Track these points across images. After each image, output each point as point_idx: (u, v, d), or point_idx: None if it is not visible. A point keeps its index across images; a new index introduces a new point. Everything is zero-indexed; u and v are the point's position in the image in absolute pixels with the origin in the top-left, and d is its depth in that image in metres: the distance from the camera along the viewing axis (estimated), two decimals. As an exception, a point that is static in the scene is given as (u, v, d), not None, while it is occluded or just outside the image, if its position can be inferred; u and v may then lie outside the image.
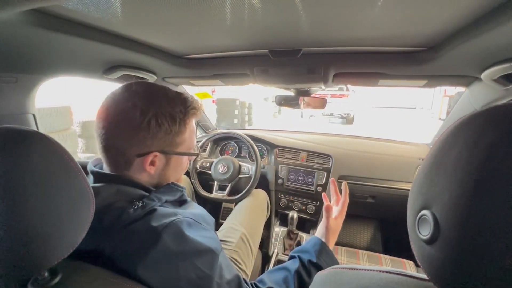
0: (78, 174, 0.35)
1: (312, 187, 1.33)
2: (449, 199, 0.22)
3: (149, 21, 0.54)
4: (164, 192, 0.51)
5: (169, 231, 0.43)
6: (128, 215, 0.43)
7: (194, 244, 0.44)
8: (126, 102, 0.46)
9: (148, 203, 0.45)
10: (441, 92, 9.58)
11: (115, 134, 0.46)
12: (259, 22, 0.53)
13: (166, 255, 0.41)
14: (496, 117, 0.22)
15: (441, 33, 0.55)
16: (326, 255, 0.60)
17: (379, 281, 0.32)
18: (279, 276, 0.57)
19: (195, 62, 0.88)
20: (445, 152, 0.24)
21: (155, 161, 0.49)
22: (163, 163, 0.51)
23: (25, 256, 0.30)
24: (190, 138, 0.53)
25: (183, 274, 0.42)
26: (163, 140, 0.48)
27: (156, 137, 0.47)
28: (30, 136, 0.32)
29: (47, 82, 0.81)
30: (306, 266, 0.57)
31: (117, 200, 0.44)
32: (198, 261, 0.44)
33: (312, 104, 1.12)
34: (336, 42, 0.66)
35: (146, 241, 0.41)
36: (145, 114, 0.45)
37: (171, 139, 0.49)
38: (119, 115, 0.46)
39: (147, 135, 0.46)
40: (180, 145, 0.52)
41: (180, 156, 0.53)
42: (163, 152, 0.49)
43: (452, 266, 0.22)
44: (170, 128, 0.48)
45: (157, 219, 0.43)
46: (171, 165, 0.52)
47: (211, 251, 0.46)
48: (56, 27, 0.50)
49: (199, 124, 1.67)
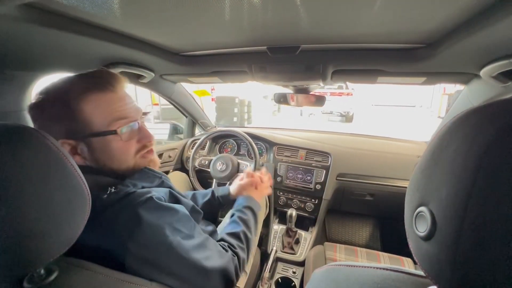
0: (73, 170, 0.35)
1: (311, 185, 1.33)
2: (446, 196, 0.22)
3: (146, 18, 0.54)
4: (140, 178, 0.51)
5: (146, 207, 0.45)
6: (101, 201, 0.43)
7: (170, 211, 0.48)
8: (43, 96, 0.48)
9: (122, 188, 0.46)
10: (440, 90, 9.59)
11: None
12: (257, 18, 0.53)
13: (151, 230, 0.44)
14: (494, 113, 0.22)
15: (440, 30, 0.55)
16: (249, 199, 0.79)
17: (376, 278, 0.32)
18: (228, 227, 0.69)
19: (193, 59, 0.88)
20: (443, 149, 0.24)
21: (75, 149, 0.48)
22: (85, 150, 0.48)
23: (20, 253, 0.30)
24: (99, 116, 0.47)
25: (171, 239, 0.45)
26: (58, 127, 0.46)
27: (49, 125, 0.46)
28: (24, 132, 0.32)
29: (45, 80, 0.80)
30: (242, 210, 0.74)
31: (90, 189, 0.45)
32: (178, 225, 0.48)
33: (310, 101, 1.12)
34: (334, 38, 0.66)
35: (127, 223, 0.43)
36: (39, 105, 0.47)
37: (65, 124, 0.46)
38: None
39: (43, 125, 0.46)
40: (86, 127, 0.47)
41: (101, 138, 0.48)
42: (70, 139, 0.47)
43: (448, 262, 0.22)
44: (55, 115, 0.46)
45: (133, 200, 0.45)
46: (96, 149, 0.48)
47: (184, 214, 0.51)
48: (51, 24, 0.50)
49: (198, 122, 1.67)
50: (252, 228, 0.71)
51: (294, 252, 1.22)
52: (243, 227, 0.68)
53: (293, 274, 1.12)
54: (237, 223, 0.69)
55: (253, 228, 0.72)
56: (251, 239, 0.69)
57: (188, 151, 1.56)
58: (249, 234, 0.68)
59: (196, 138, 1.64)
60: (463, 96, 0.94)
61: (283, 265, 1.16)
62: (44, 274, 0.35)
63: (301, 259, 1.18)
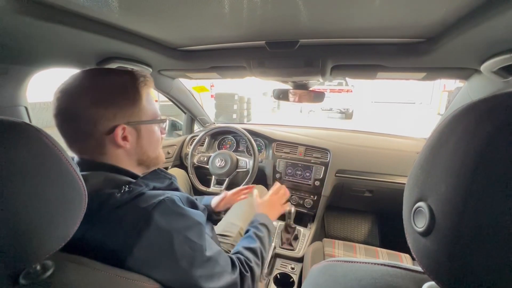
0: (69, 166, 0.35)
1: (310, 181, 1.33)
2: (445, 191, 0.22)
3: (143, 11, 0.53)
4: (152, 179, 0.52)
5: (159, 210, 0.44)
6: (115, 199, 0.43)
7: (184, 219, 0.47)
8: (74, 87, 0.47)
9: (135, 188, 0.46)
10: (440, 87, 9.58)
11: (74, 119, 0.47)
12: (255, 12, 0.52)
13: (159, 234, 0.43)
14: (494, 107, 0.21)
15: (440, 24, 0.54)
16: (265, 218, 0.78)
17: (374, 273, 0.32)
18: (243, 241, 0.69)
19: (191, 55, 0.87)
20: (442, 143, 0.24)
21: (126, 136, 0.50)
22: (134, 136, 0.51)
23: (15, 249, 0.30)
24: (150, 106, 0.54)
25: (177, 248, 0.44)
26: (123, 112, 0.49)
27: (115, 109, 0.48)
28: (19, 127, 0.31)
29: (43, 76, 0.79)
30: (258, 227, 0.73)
31: (104, 186, 0.45)
32: (189, 234, 0.46)
33: (310, 98, 1.11)
34: (334, 33, 0.65)
35: (137, 223, 0.43)
36: (94, 90, 0.47)
37: (131, 109, 0.50)
38: (71, 101, 0.47)
39: (105, 109, 0.47)
40: (143, 114, 0.52)
41: (149, 126, 0.54)
42: (129, 124, 0.50)
43: (447, 258, 0.22)
44: (124, 99, 0.49)
45: (146, 201, 0.45)
46: (143, 136, 0.53)
47: (199, 224, 0.49)
48: (46, 17, 0.49)
49: (197, 118, 1.66)
50: (266, 247, 0.70)
51: (292, 248, 1.23)
52: (259, 243, 0.67)
53: (292, 270, 1.12)
54: (253, 238, 0.68)
55: (267, 247, 0.70)
56: (265, 257, 0.68)
57: (187, 148, 1.56)
58: (264, 252, 0.68)
59: (195, 134, 1.64)
60: (463, 92, 0.94)
61: (282, 261, 1.16)
62: (40, 270, 0.34)
63: (299, 255, 1.18)
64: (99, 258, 0.40)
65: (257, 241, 0.67)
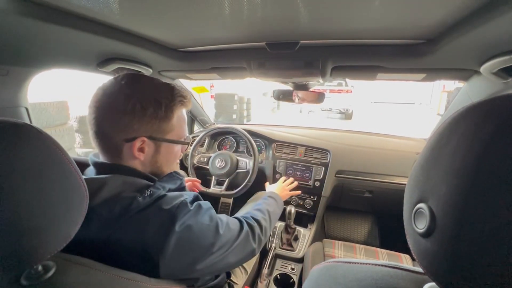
0: (70, 167, 0.35)
1: (310, 182, 1.33)
2: (446, 192, 0.22)
3: (143, 12, 0.53)
4: (167, 181, 0.54)
5: (181, 209, 0.48)
6: (138, 203, 0.45)
7: (201, 211, 0.51)
8: (113, 89, 0.49)
9: (155, 191, 0.48)
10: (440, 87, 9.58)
11: (102, 119, 0.48)
12: (256, 13, 0.52)
13: (185, 229, 0.47)
14: (494, 109, 0.21)
15: (440, 25, 0.54)
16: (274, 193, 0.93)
17: (375, 274, 0.32)
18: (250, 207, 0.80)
19: (191, 55, 0.87)
20: (443, 144, 0.24)
21: (144, 148, 0.50)
22: (152, 150, 0.52)
23: (17, 250, 0.30)
24: (179, 126, 0.54)
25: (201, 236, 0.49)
26: (150, 126, 0.49)
27: (142, 121, 0.48)
28: (21, 128, 0.31)
29: (42, 76, 0.79)
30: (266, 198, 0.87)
31: (124, 190, 0.46)
32: (204, 219, 0.51)
33: (310, 98, 1.11)
34: (334, 34, 0.65)
35: (163, 223, 0.45)
36: (129, 98, 0.47)
37: (158, 125, 0.50)
38: (106, 101, 0.48)
39: (132, 119, 0.47)
40: (169, 132, 0.53)
41: (170, 144, 0.54)
42: (151, 138, 0.50)
43: (447, 259, 0.22)
44: (155, 113, 0.49)
45: (168, 203, 0.47)
46: (161, 152, 0.53)
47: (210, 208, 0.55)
48: (47, 17, 0.49)
49: (197, 119, 1.66)
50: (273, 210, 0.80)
51: (292, 249, 1.23)
52: (265, 206, 0.79)
53: (292, 270, 1.12)
54: (260, 204, 0.79)
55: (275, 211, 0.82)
56: (272, 220, 0.77)
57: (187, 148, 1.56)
58: (271, 213, 0.77)
59: (195, 135, 1.64)
60: (462, 93, 0.94)
61: (282, 261, 1.16)
62: (41, 270, 0.35)
63: (299, 256, 1.18)
64: (128, 260, 0.42)
65: (263, 204, 0.79)
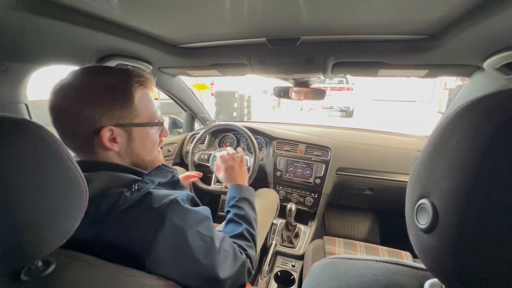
0: (69, 163, 0.34)
1: (311, 179, 1.33)
2: (449, 187, 0.21)
3: (143, 8, 0.52)
4: (156, 175, 0.52)
5: (171, 208, 0.46)
6: (125, 198, 0.44)
7: (194, 215, 0.49)
8: (64, 86, 0.46)
9: (143, 186, 0.47)
10: (441, 85, 9.54)
11: (61, 118, 0.46)
12: (257, 8, 0.51)
13: (174, 231, 0.45)
14: (498, 103, 0.21)
15: (443, 20, 0.54)
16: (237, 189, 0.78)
17: (376, 270, 0.32)
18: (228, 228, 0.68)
19: (192, 52, 0.86)
20: (445, 139, 0.24)
21: (115, 138, 0.48)
22: (125, 138, 0.50)
23: (16, 246, 0.30)
24: (145, 108, 0.52)
25: (191, 242, 0.46)
26: (112, 113, 0.47)
27: (101, 110, 0.46)
28: (20, 124, 0.31)
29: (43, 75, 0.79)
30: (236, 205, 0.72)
31: (111, 186, 0.45)
32: (200, 228, 0.49)
33: (310, 95, 1.11)
34: (335, 30, 0.64)
35: (152, 223, 0.44)
36: (81, 90, 0.46)
37: (120, 111, 0.48)
38: (60, 100, 0.46)
39: (90, 110, 0.46)
40: (136, 116, 0.50)
41: (142, 129, 0.52)
42: (119, 126, 0.48)
43: (450, 255, 0.21)
44: (113, 99, 0.47)
45: (156, 201, 0.46)
46: (135, 139, 0.51)
47: (207, 218, 0.52)
48: (46, 13, 0.48)
49: (197, 116, 1.66)
50: (253, 223, 0.69)
51: (293, 246, 1.23)
52: (244, 225, 0.66)
53: (292, 267, 1.13)
54: (236, 222, 0.67)
55: (253, 222, 0.70)
56: (255, 234, 0.68)
57: (187, 146, 1.56)
58: (252, 230, 0.67)
59: (196, 132, 1.64)
60: (465, 89, 0.93)
61: (283, 258, 1.17)
62: (41, 266, 0.34)
63: (300, 253, 1.18)
64: (117, 259, 0.41)
65: (242, 223, 0.66)
